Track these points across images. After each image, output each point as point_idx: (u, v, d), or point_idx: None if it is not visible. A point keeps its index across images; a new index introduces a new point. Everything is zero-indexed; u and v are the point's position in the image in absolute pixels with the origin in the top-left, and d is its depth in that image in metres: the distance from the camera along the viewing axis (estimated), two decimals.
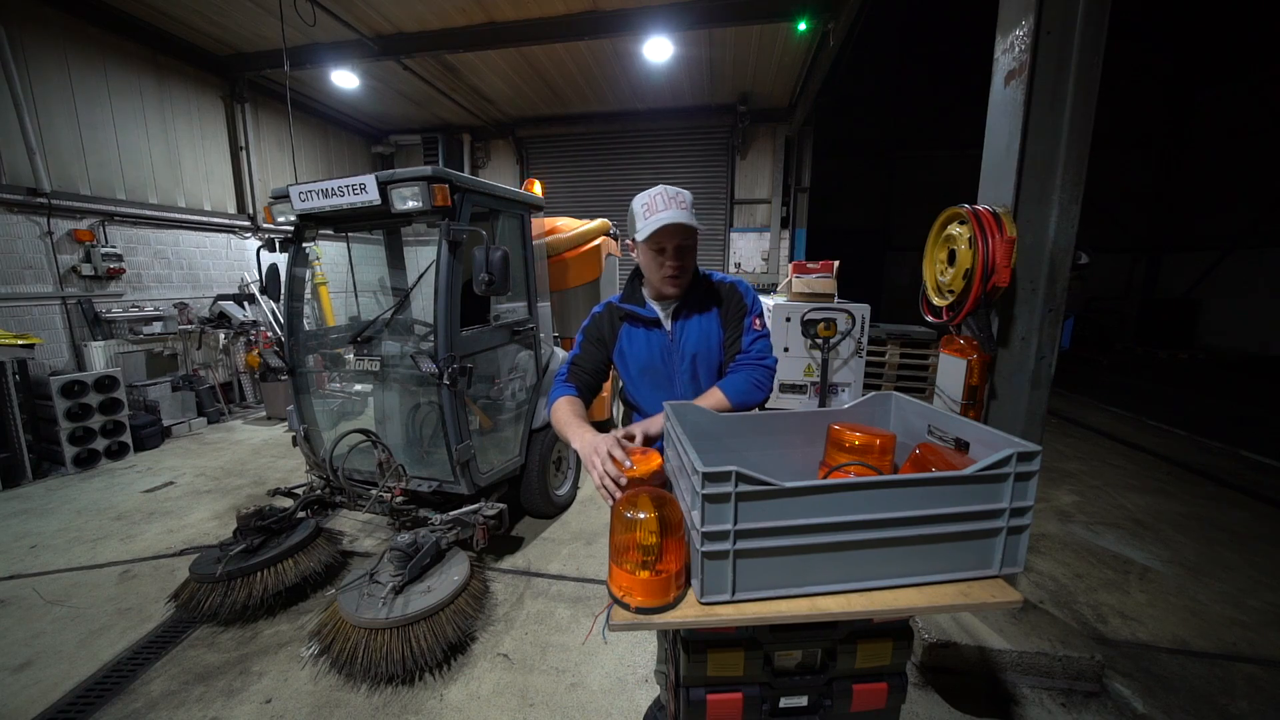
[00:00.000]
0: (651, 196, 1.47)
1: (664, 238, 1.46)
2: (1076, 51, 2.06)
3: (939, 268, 2.48)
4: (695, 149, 9.13)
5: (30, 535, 3.55)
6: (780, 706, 1.19)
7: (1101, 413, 6.64)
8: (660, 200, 1.45)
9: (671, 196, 1.46)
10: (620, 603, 1.01)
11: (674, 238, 1.47)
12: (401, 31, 6.21)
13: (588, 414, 1.53)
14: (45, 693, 2.22)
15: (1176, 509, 3.93)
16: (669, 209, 1.44)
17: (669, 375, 1.62)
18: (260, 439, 5.62)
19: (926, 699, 2.19)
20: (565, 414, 1.46)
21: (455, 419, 2.82)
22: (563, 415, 1.47)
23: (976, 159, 2.46)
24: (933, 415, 1.36)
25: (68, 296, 5.25)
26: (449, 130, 9.64)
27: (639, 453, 1.22)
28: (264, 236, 7.30)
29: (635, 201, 1.50)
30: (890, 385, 5.58)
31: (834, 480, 1.04)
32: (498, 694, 2.23)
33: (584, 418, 1.48)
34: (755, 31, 6.15)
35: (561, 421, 1.46)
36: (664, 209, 1.44)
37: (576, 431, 1.36)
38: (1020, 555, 1.06)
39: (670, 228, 1.43)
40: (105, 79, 5.63)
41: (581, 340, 1.70)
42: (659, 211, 1.44)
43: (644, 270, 1.59)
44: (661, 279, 1.53)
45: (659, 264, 1.51)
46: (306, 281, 3.59)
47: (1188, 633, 2.60)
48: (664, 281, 1.54)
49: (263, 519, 2.79)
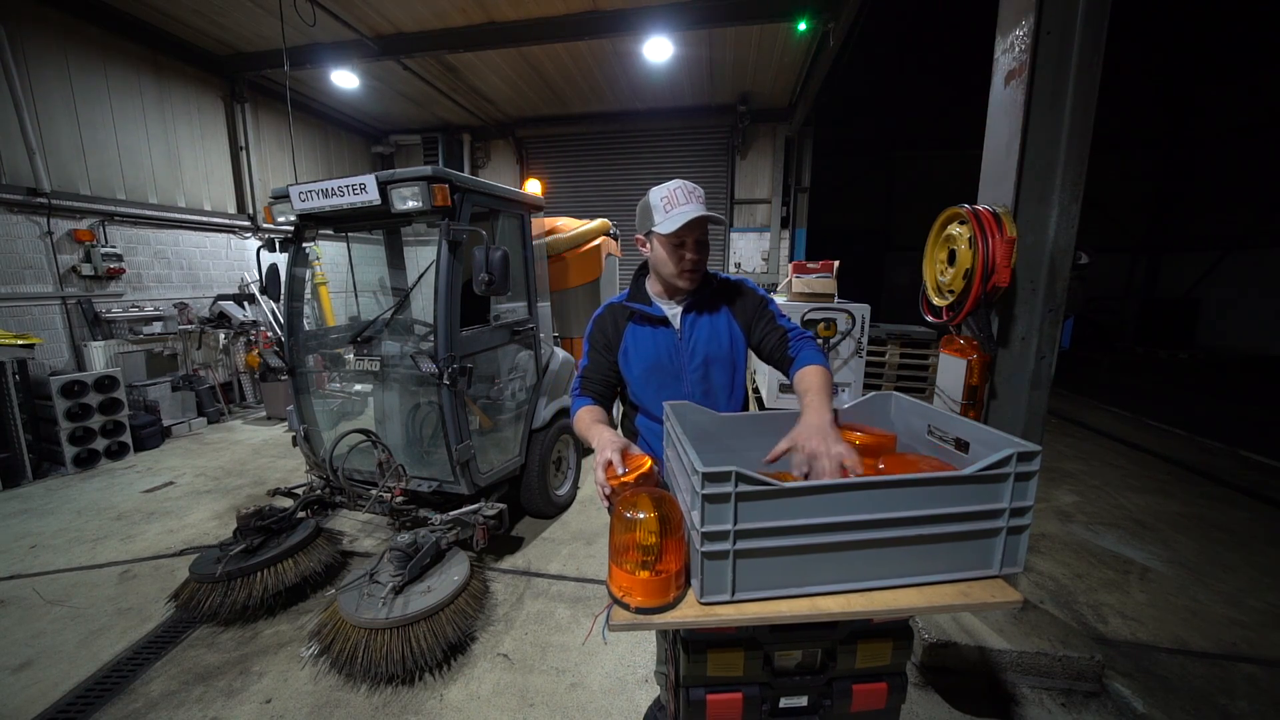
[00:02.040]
0: (671, 190, 1.47)
1: (686, 231, 1.46)
2: (1076, 51, 2.06)
3: (939, 268, 2.48)
4: (695, 149, 9.13)
5: (30, 535, 3.55)
6: (780, 706, 1.19)
7: (1101, 413, 6.64)
8: (681, 194, 1.45)
9: (690, 190, 1.46)
10: (620, 603, 1.01)
11: (695, 231, 1.48)
12: (401, 31, 6.21)
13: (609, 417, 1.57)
14: (45, 693, 2.22)
15: (1176, 509, 3.93)
16: (690, 203, 1.45)
17: (676, 374, 1.60)
18: (260, 439, 5.62)
19: (926, 699, 2.19)
20: (585, 421, 1.49)
21: (455, 419, 2.82)
22: (583, 424, 1.50)
23: (976, 159, 2.46)
24: (933, 415, 1.36)
25: (68, 296, 5.25)
26: (449, 130, 9.64)
27: (634, 458, 1.23)
28: (264, 236, 7.30)
29: (653, 195, 1.49)
30: (890, 385, 5.58)
31: (834, 480, 1.04)
32: (498, 694, 2.23)
33: (605, 421, 1.51)
34: (755, 31, 6.14)
35: (583, 430, 1.49)
36: (685, 203, 1.44)
37: (595, 433, 1.39)
38: (1020, 555, 1.06)
39: (696, 221, 1.44)
40: (105, 79, 5.63)
41: (588, 349, 1.69)
42: (680, 205, 1.44)
43: (657, 265, 1.57)
44: (679, 272, 1.52)
45: (678, 257, 1.50)
46: (306, 281, 3.59)
47: (1188, 633, 2.60)
48: (681, 275, 1.53)
49: (263, 519, 2.79)
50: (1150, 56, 10.83)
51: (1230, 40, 10.15)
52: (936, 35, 10.85)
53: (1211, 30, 10.18)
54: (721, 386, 1.61)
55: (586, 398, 1.62)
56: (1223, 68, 10.63)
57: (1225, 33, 10.08)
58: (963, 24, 8.64)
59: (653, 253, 1.56)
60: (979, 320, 2.34)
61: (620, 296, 1.70)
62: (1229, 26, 9.91)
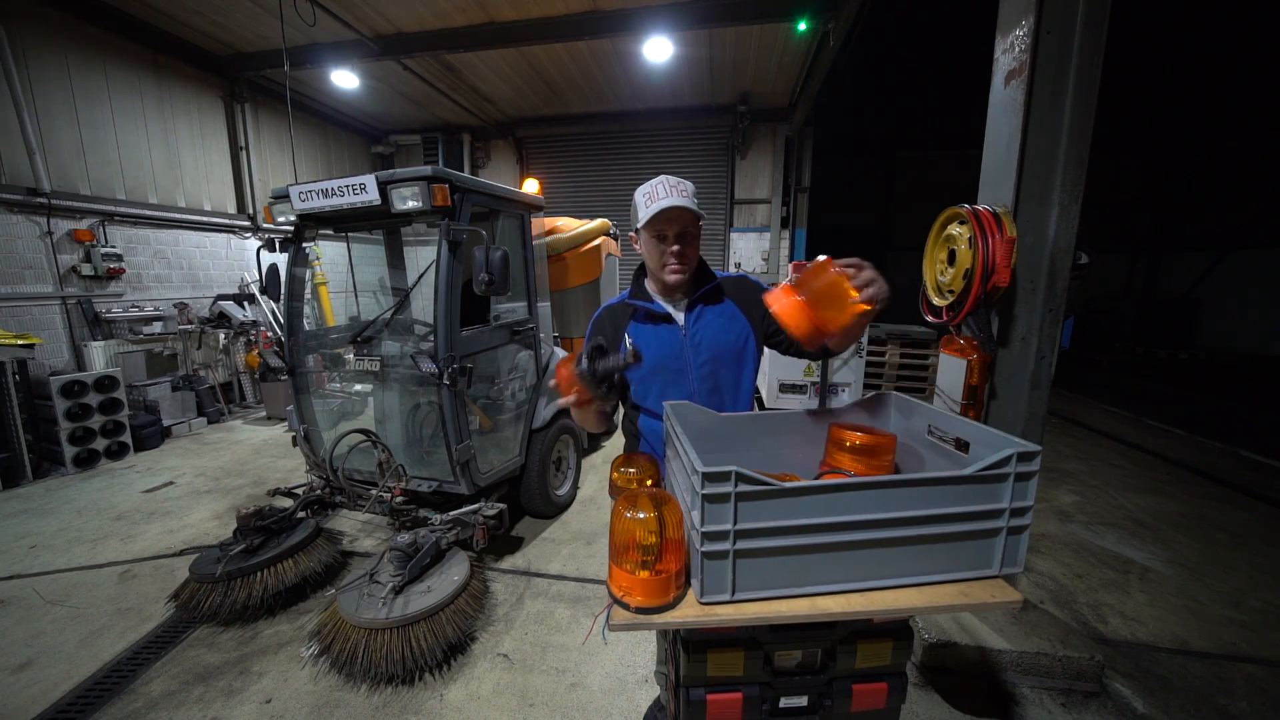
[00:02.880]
0: (653, 185, 1.46)
1: (665, 223, 1.44)
2: (1076, 51, 2.06)
3: (939, 268, 2.48)
4: (695, 149, 9.13)
5: (30, 535, 3.55)
6: (780, 706, 1.19)
7: (1101, 413, 6.64)
8: (662, 188, 1.44)
9: (673, 185, 1.44)
10: (620, 603, 1.01)
11: (675, 224, 1.45)
12: (401, 31, 6.21)
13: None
14: (45, 693, 2.22)
15: (1176, 509, 3.93)
16: (670, 195, 1.43)
17: (681, 371, 1.56)
18: (260, 439, 5.62)
19: (926, 699, 2.19)
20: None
21: (455, 419, 2.82)
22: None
23: (976, 159, 2.46)
24: (933, 415, 1.36)
25: (68, 296, 5.25)
26: (449, 130, 9.64)
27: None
28: (264, 236, 7.30)
29: (637, 192, 1.49)
30: (890, 385, 5.58)
31: (834, 480, 1.04)
32: (498, 694, 2.23)
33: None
34: (755, 31, 6.14)
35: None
36: (665, 196, 1.43)
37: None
38: (1020, 555, 1.06)
39: (672, 211, 1.41)
40: (105, 79, 5.63)
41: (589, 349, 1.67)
42: (660, 199, 1.43)
43: (646, 260, 1.57)
44: (662, 266, 1.50)
45: (660, 251, 1.48)
46: (306, 281, 3.59)
47: (1188, 633, 2.60)
48: (664, 269, 1.50)
49: (263, 519, 2.79)
50: (1150, 56, 10.83)
51: (1230, 40, 10.15)
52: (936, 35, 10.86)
53: (1211, 30, 10.18)
54: (729, 384, 1.57)
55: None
56: (1223, 68, 10.64)
57: (1225, 33, 10.08)
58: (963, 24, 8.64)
59: (642, 248, 1.55)
60: (979, 320, 2.34)
61: (619, 297, 1.68)
62: (1229, 26, 9.91)
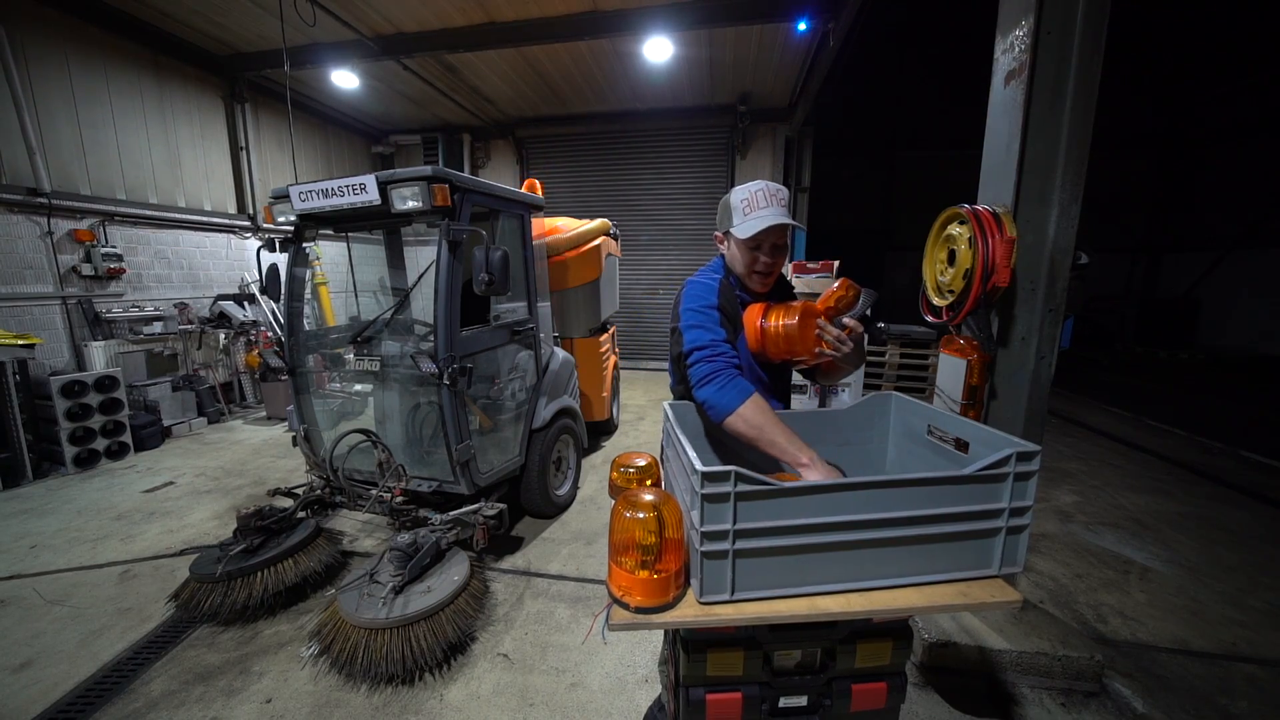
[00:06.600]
0: (752, 193, 1.46)
1: (764, 235, 1.45)
2: (1076, 51, 2.06)
3: (939, 268, 2.48)
4: (695, 149, 9.12)
5: (30, 535, 3.55)
6: (780, 706, 1.19)
7: (1101, 413, 6.64)
8: (762, 197, 1.44)
9: (773, 194, 1.45)
10: (620, 602, 1.01)
11: (772, 235, 1.47)
12: (401, 31, 6.21)
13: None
14: (45, 693, 2.22)
15: (1176, 509, 3.93)
16: (770, 207, 1.43)
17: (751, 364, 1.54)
18: (260, 439, 5.62)
19: (926, 699, 2.19)
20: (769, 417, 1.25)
21: (455, 419, 2.82)
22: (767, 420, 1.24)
23: (976, 159, 2.46)
24: (933, 415, 1.36)
25: (68, 296, 5.25)
26: (449, 130, 9.63)
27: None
28: (264, 236, 7.30)
29: (734, 195, 1.49)
30: (890, 385, 5.58)
31: (834, 480, 1.04)
32: (498, 694, 2.23)
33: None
34: (755, 31, 6.14)
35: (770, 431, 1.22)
36: (765, 206, 1.43)
37: (799, 445, 1.21)
38: (1020, 555, 1.06)
39: (776, 228, 1.43)
40: (105, 79, 5.62)
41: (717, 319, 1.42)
42: (760, 209, 1.43)
43: (731, 263, 1.58)
44: (750, 274, 1.53)
45: (753, 260, 1.50)
46: (306, 281, 3.60)
47: (1188, 633, 2.60)
48: (751, 277, 1.53)
49: (263, 519, 2.79)
50: (1150, 56, 10.82)
51: (1230, 40, 10.15)
52: (936, 35, 10.86)
53: (1211, 30, 10.18)
54: (777, 383, 1.62)
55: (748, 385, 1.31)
56: (1223, 68, 10.63)
57: (1225, 33, 10.08)
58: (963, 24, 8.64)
59: (728, 251, 1.57)
60: (979, 320, 2.35)
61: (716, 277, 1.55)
62: (1229, 26, 9.91)
